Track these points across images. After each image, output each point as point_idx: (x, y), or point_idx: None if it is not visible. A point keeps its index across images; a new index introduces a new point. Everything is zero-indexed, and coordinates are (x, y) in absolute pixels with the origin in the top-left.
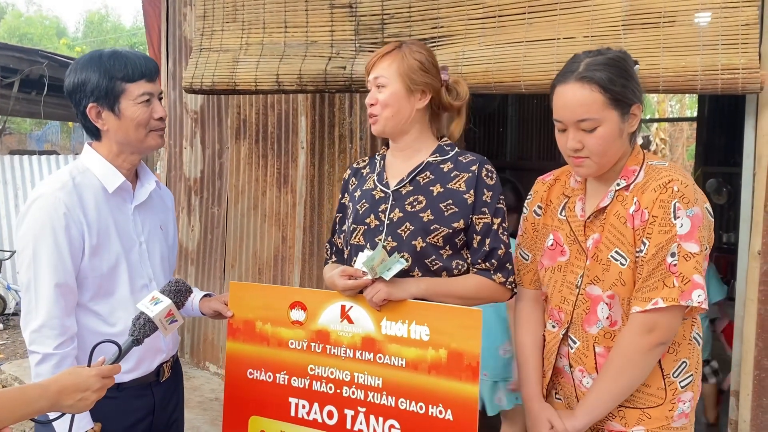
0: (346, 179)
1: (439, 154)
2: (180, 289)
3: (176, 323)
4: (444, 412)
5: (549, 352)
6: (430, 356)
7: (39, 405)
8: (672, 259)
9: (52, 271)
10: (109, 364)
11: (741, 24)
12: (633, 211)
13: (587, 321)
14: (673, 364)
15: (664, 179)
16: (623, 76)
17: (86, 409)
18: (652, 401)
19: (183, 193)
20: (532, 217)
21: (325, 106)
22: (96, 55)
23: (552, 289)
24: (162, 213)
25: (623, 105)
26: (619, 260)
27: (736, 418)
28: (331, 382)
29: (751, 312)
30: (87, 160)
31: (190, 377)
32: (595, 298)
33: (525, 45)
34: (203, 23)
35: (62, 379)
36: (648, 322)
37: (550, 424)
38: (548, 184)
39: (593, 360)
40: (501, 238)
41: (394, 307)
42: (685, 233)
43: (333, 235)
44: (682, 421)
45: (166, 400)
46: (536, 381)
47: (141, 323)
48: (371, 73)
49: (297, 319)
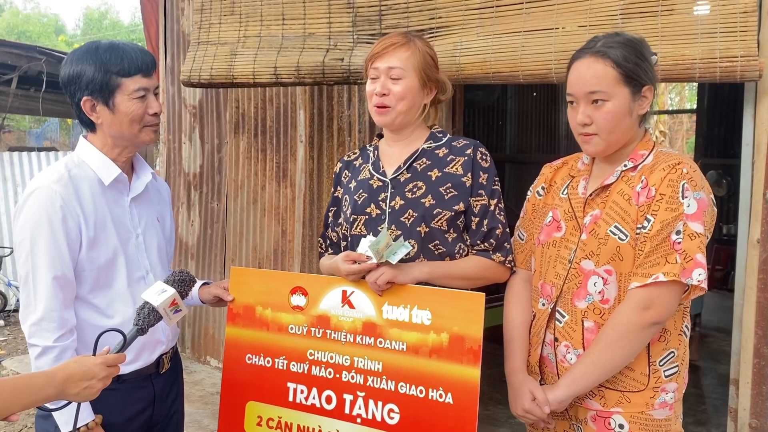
0: (337, 172)
1: (433, 141)
2: (184, 279)
3: (180, 313)
4: (444, 395)
5: (539, 329)
6: (432, 340)
7: (45, 393)
8: (677, 236)
9: (50, 263)
10: (114, 353)
11: (739, 12)
12: (640, 188)
13: (577, 295)
14: (661, 352)
15: (674, 161)
16: (637, 56)
17: (92, 397)
18: (633, 385)
19: (182, 188)
20: (534, 198)
21: (323, 99)
22: (92, 47)
23: (546, 265)
24: (159, 205)
25: (635, 84)
26: (617, 235)
27: (735, 407)
28: (331, 367)
29: (751, 300)
30: (82, 152)
31: (191, 372)
32: (587, 272)
33: (523, 35)
34: (201, 16)
35: (68, 367)
36: (645, 298)
37: (532, 396)
38: (555, 167)
39: (581, 335)
40: (498, 218)
41: (396, 292)
42: (692, 213)
43: (326, 228)
44: (664, 411)
45: (166, 391)
46: (521, 356)
47: (146, 312)
48: (381, 61)
49: (298, 304)
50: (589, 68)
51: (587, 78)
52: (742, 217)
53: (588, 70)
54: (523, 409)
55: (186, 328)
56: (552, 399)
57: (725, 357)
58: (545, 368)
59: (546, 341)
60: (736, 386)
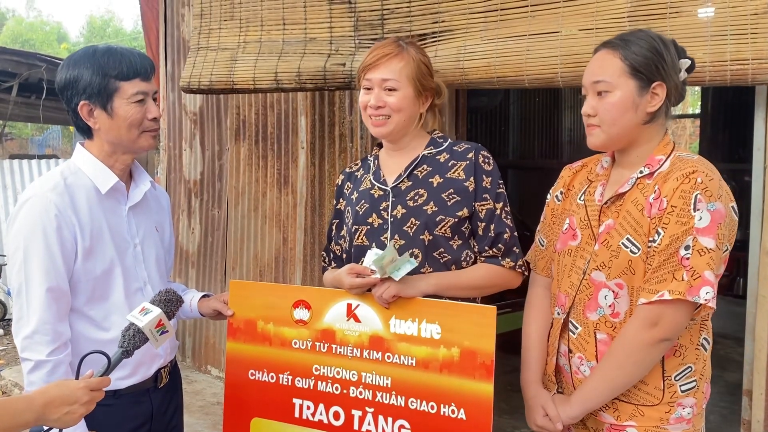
0: (339, 184)
1: (434, 147)
2: (170, 299)
3: (167, 334)
4: (457, 411)
5: (554, 338)
6: (442, 355)
7: (24, 418)
8: (685, 252)
9: (44, 274)
10: (98, 377)
11: (750, 14)
12: (653, 199)
13: (588, 307)
14: (677, 367)
15: (688, 170)
16: (651, 51)
17: (73, 423)
18: (647, 399)
19: (183, 196)
20: (553, 203)
21: (324, 105)
22: (90, 51)
23: (562, 274)
24: (157, 214)
25: (642, 78)
26: (629, 248)
27: (749, 418)
28: (338, 383)
29: (764, 309)
30: (79, 160)
31: (191, 381)
32: (598, 284)
33: (528, 39)
34: (200, 22)
35: (49, 392)
36: (652, 315)
37: (544, 411)
38: (574, 170)
39: (594, 347)
40: (505, 222)
41: (404, 305)
42: (703, 227)
43: (330, 242)
44: (681, 426)
45: (164, 406)
46: (536, 368)
47: (131, 334)
48: (374, 72)
49: (301, 318)
50: (597, 59)
51: (594, 68)
52: (753, 223)
53: (596, 60)
54: (537, 426)
55: (186, 337)
56: (564, 416)
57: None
58: (561, 378)
59: (561, 351)
60: (749, 397)
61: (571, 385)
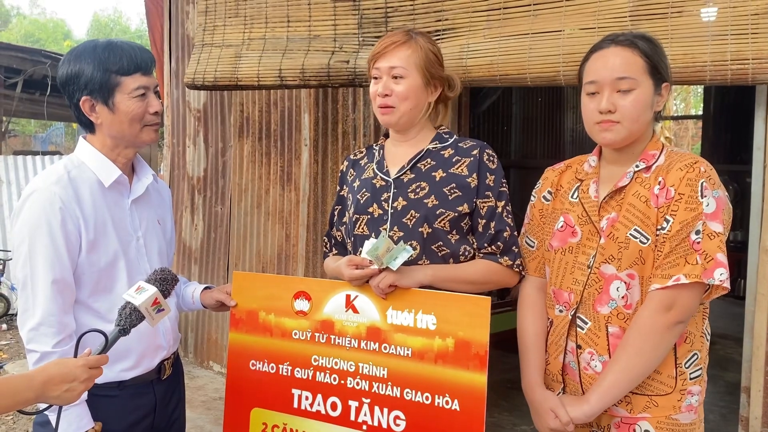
0: (343, 171)
1: (439, 141)
2: (165, 278)
3: (163, 312)
4: (451, 402)
5: (558, 336)
6: (437, 345)
7: (24, 396)
8: (696, 236)
9: (49, 267)
10: (96, 355)
11: (750, 14)
12: (658, 190)
13: (599, 301)
14: (686, 354)
15: (691, 160)
16: (659, 53)
17: (73, 400)
18: (661, 389)
19: (186, 192)
20: (540, 203)
21: (328, 103)
22: (90, 46)
23: (563, 272)
24: (159, 207)
25: (658, 77)
26: (639, 238)
27: (747, 415)
28: (336, 373)
29: (763, 307)
30: (82, 153)
31: (193, 377)
32: (608, 277)
33: (530, 37)
34: (205, 18)
35: (48, 370)
36: (667, 299)
37: (554, 415)
38: (559, 171)
39: (606, 340)
40: (506, 220)
41: (400, 296)
42: (711, 212)
43: (331, 227)
44: (690, 415)
45: (168, 398)
46: (537, 369)
47: (127, 312)
48: (382, 61)
49: (301, 309)
50: (617, 55)
51: (616, 65)
52: (753, 223)
53: (616, 57)
54: (549, 430)
55: (189, 333)
56: (581, 414)
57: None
58: (567, 377)
59: (567, 349)
60: (747, 394)
61: (578, 382)
